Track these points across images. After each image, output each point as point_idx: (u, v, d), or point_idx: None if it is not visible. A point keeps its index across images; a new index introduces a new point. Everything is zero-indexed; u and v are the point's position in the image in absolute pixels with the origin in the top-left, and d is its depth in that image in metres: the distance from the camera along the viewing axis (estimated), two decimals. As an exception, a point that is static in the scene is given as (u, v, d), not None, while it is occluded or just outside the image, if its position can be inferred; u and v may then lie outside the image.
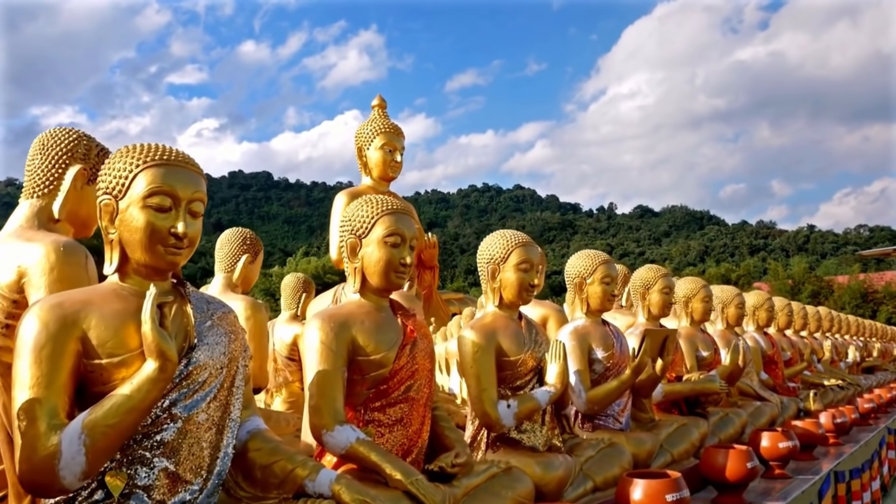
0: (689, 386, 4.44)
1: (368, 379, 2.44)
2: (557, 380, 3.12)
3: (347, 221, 2.61)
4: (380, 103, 5.82)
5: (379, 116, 5.61)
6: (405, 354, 2.49)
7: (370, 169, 5.35)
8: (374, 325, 2.48)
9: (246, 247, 4.23)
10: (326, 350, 2.36)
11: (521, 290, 3.20)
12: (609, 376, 3.78)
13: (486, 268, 3.28)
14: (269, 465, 2.02)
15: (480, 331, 3.09)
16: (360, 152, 5.41)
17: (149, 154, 1.91)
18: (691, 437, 3.99)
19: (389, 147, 5.35)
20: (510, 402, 3.01)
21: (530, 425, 3.12)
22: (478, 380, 3.02)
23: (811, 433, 4.89)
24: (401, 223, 2.55)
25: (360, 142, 5.43)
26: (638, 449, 3.51)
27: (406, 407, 2.48)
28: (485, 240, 3.36)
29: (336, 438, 2.27)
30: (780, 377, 6.62)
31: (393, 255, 2.52)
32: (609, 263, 3.94)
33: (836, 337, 10.11)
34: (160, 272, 1.93)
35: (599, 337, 3.82)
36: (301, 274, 6.13)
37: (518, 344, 3.14)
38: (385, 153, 5.31)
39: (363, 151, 5.36)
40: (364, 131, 5.49)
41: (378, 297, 2.60)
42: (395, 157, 5.37)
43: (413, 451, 2.49)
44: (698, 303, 5.25)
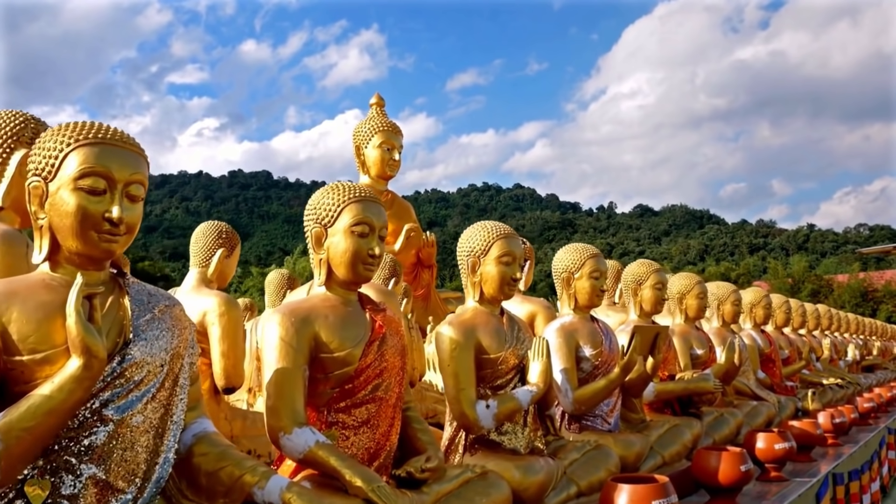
0: (682, 385, 4.28)
1: (332, 378, 2.28)
2: (540, 379, 2.96)
3: (312, 210, 2.45)
4: (378, 102, 5.71)
5: (377, 115, 5.51)
6: (372, 351, 2.33)
7: (368, 167, 5.27)
8: (338, 320, 2.32)
9: (222, 241, 4.07)
10: (286, 347, 2.20)
11: (502, 284, 3.04)
12: (597, 375, 3.62)
13: (466, 261, 3.12)
14: (215, 471, 1.86)
15: (459, 327, 2.93)
16: (358, 151, 5.34)
17: (81, 132, 1.75)
18: (683, 438, 3.83)
19: (387, 145, 5.26)
20: (489, 403, 2.85)
21: (511, 427, 2.96)
22: (456, 379, 2.86)
23: (809, 434, 4.73)
24: (369, 211, 2.39)
25: (358, 140, 5.35)
26: (626, 451, 3.35)
27: (373, 407, 2.32)
28: (465, 232, 3.20)
29: (293, 442, 2.11)
30: (777, 376, 6.46)
31: (360, 245, 2.36)
32: (597, 258, 3.78)
33: (835, 335, 9.95)
34: (95, 261, 1.77)
35: (587, 334, 3.66)
36: (285, 270, 5.98)
37: (499, 341, 2.98)
38: (383, 151, 5.23)
39: (361, 150, 5.29)
40: (362, 130, 5.40)
41: (345, 290, 2.44)
42: (394, 155, 5.28)
43: (381, 455, 2.33)
44: (693, 299, 5.10)
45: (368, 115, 5.60)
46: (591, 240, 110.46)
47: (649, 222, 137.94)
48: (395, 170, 5.44)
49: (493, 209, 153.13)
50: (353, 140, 5.46)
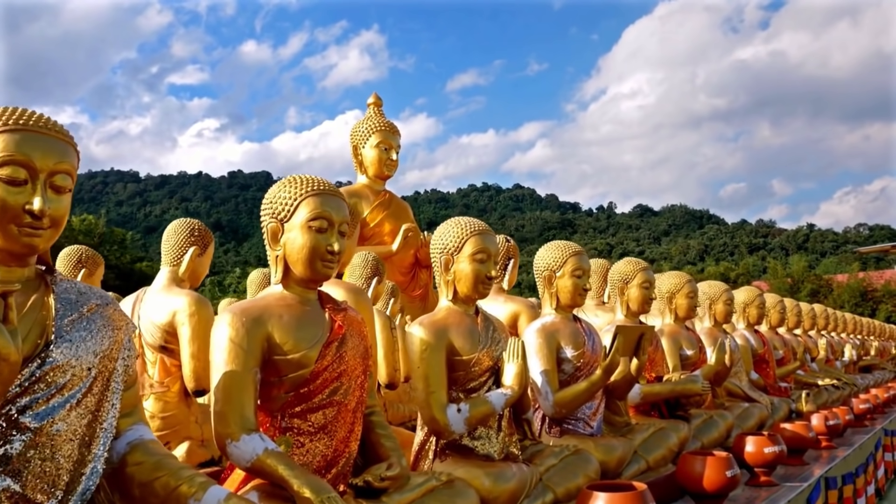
0: (669, 387, 4.15)
1: (287, 381, 2.15)
2: (515, 381, 2.83)
3: (268, 204, 2.32)
4: (375, 102, 5.63)
5: (374, 115, 5.44)
6: (330, 353, 2.21)
7: (366, 167, 5.21)
8: (293, 320, 2.19)
9: (194, 238, 3.94)
10: (236, 348, 2.08)
11: (476, 282, 2.92)
12: (580, 377, 3.50)
13: (439, 259, 2.99)
14: (149, 482, 1.73)
15: (430, 327, 2.81)
16: (355, 150, 5.28)
17: (0, 118, 1.62)
18: (669, 442, 3.70)
19: (385, 145, 5.20)
20: (461, 406, 2.73)
21: (485, 431, 2.84)
22: (426, 381, 2.74)
23: (801, 436, 4.60)
24: (327, 205, 2.27)
25: (356, 140, 5.29)
26: (607, 456, 3.22)
27: (331, 412, 2.19)
28: (438, 228, 3.08)
29: (241, 449, 1.98)
30: (771, 377, 6.33)
31: (318, 241, 2.24)
32: (580, 255, 3.65)
33: (831, 335, 9.82)
34: (17, 257, 1.65)
35: (569, 334, 3.53)
36: (267, 269, 5.86)
37: (472, 342, 2.86)
38: (381, 151, 5.17)
39: (359, 150, 5.23)
40: (359, 130, 5.33)
41: (303, 288, 2.31)
42: (391, 155, 5.22)
43: (339, 463, 2.21)
44: (682, 298, 4.97)
45: (366, 115, 5.53)
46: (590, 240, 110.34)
47: (649, 222, 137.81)
48: (393, 170, 5.37)
49: (492, 209, 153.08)
50: (350, 140, 5.39)
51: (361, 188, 5.25)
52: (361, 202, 5.18)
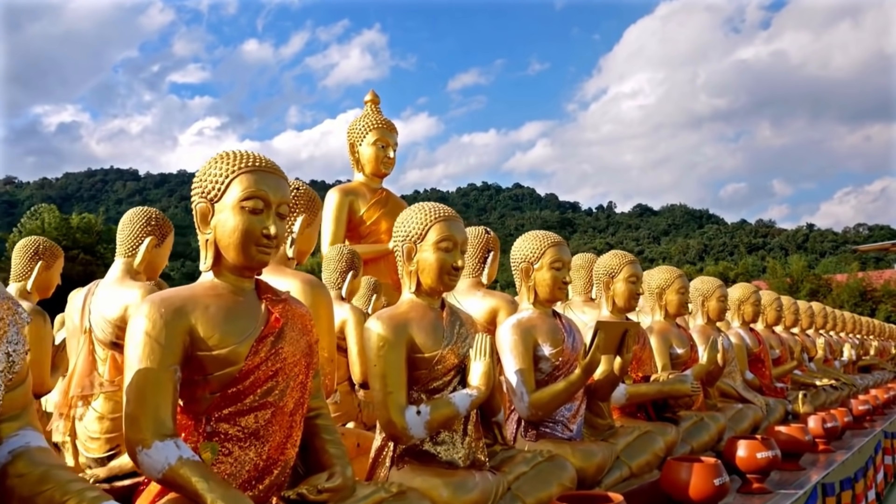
0: (657, 387, 3.90)
1: (213, 380, 1.91)
2: (482, 381, 2.59)
3: (198, 182, 2.08)
4: (373, 99, 5.52)
5: (371, 112, 5.35)
6: (264, 349, 1.96)
7: (363, 165, 5.14)
8: (221, 312, 1.95)
9: (150, 228, 3.70)
10: (151, 343, 1.83)
11: (441, 273, 2.67)
12: (558, 376, 3.25)
13: (402, 247, 2.75)
14: (32, 496, 1.49)
15: (389, 321, 2.56)
16: (352, 148, 5.20)
17: None
18: (655, 446, 3.45)
19: (382, 143, 5.10)
20: (421, 409, 2.48)
21: (449, 436, 2.59)
22: (383, 381, 2.49)
23: (797, 440, 4.36)
24: (263, 183, 2.02)
25: (353, 138, 5.22)
26: (585, 462, 2.97)
27: (264, 415, 1.95)
28: (400, 214, 2.83)
29: (152, 458, 1.74)
30: (767, 377, 6.09)
31: (252, 223, 1.99)
32: (559, 246, 3.41)
33: (830, 334, 9.57)
34: None
35: (547, 330, 3.29)
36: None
37: (435, 338, 2.61)
38: (378, 149, 5.08)
39: (356, 147, 5.16)
40: (356, 127, 5.25)
41: (236, 276, 2.07)
42: (388, 153, 5.14)
43: (272, 472, 1.96)
44: (673, 294, 4.73)
45: (363, 113, 5.40)
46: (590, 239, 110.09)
47: (649, 222, 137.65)
48: (390, 167, 5.27)
49: (492, 209, 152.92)
50: (347, 137, 5.30)
51: (358, 186, 5.14)
52: (358, 200, 5.07)
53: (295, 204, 3.06)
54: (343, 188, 5.41)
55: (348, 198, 5.46)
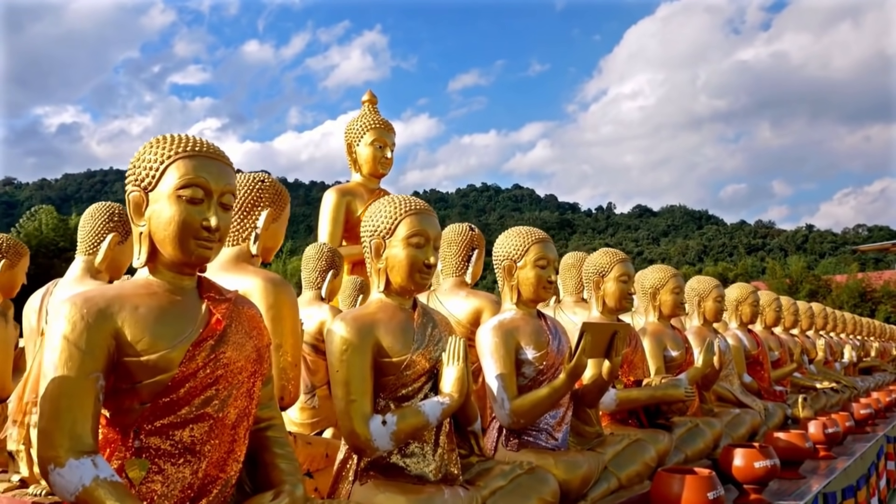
0: (649, 392, 3.70)
1: (142, 389, 1.70)
2: (454, 387, 2.38)
3: (131, 169, 1.87)
4: (370, 99, 5.43)
5: (369, 112, 5.28)
6: (202, 354, 1.76)
7: (360, 165, 5.09)
8: (153, 313, 1.74)
9: (113, 224, 3.49)
10: (70, 348, 1.63)
11: (412, 270, 2.47)
12: (542, 381, 3.05)
13: (370, 243, 2.55)
14: None
15: (353, 323, 2.36)
16: (349, 148, 5.15)
17: None
18: (645, 455, 3.24)
19: (380, 143, 5.03)
20: (387, 418, 2.28)
21: (419, 447, 2.39)
22: (345, 387, 2.29)
23: (796, 447, 4.15)
24: (204, 170, 1.82)
25: (350, 138, 5.17)
26: (569, 474, 2.76)
27: (201, 429, 1.75)
28: (369, 208, 2.63)
29: (65, 478, 1.53)
30: (765, 380, 5.88)
31: (190, 214, 1.79)
32: (544, 243, 3.20)
33: (830, 335, 9.37)
34: None
35: (530, 332, 3.08)
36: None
37: (404, 341, 2.41)
38: (375, 149, 5.02)
39: (353, 147, 5.12)
40: (354, 127, 5.18)
41: (174, 273, 1.86)
42: (386, 153, 5.08)
43: (211, 492, 1.76)
44: (667, 294, 4.53)
45: (360, 113, 5.31)
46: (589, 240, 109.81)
47: (648, 223, 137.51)
48: (388, 168, 5.20)
49: (491, 209, 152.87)
50: (344, 138, 5.23)
51: (356, 186, 5.08)
52: (356, 200, 4.99)
53: (259, 197, 2.86)
54: (340, 188, 5.33)
55: (345, 198, 5.32)
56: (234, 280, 2.69)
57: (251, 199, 2.85)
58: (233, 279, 2.70)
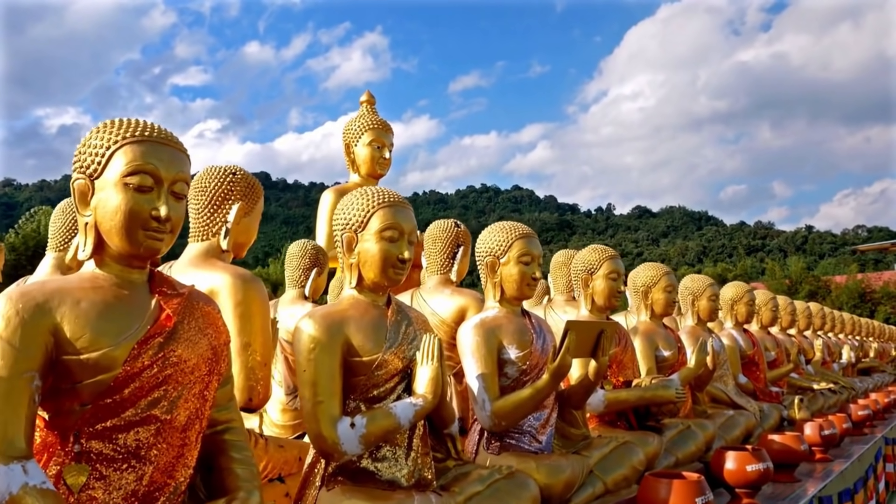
0: (638, 393, 3.59)
1: (83, 389, 1.59)
2: (428, 388, 2.27)
3: (77, 156, 1.76)
4: (368, 99, 5.39)
5: (367, 112, 5.26)
6: (148, 353, 1.65)
7: (358, 165, 5.09)
8: (96, 308, 1.63)
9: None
10: (4, 347, 1.51)
11: (385, 266, 2.36)
12: (526, 381, 2.94)
13: (341, 237, 2.44)
14: None
15: (322, 321, 2.25)
16: (347, 149, 5.15)
17: None
18: (633, 459, 3.13)
19: (378, 143, 5.02)
20: (356, 420, 2.17)
21: (391, 451, 2.28)
22: (313, 388, 2.18)
23: (791, 450, 4.04)
24: (154, 156, 1.70)
25: (348, 138, 5.16)
26: (552, 478, 2.65)
27: (148, 432, 1.63)
28: (341, 201, 2.52)
29: (-8, 486, 1.42)
30: (761, 380, 5.77)
31: (138, 203, 1.67)
32: (528, 238, 3.09)
33: (828, 336, 9.26)
34: None
35: (513, 331, 2.97)
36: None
37: (376, 339, 2.30)
38: (373, 149, 5.02)
39: (351, 148, 5.12)
40: (352, 128, 5.16)
41: (122, 266, 1.75)
42: (384, 153, 5.08)
43: (158, 499, 1.64)
44: (659, 293, 4.42)
45: (358, 113, 5.29)
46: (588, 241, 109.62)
47: (648, 224, 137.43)
48: (386, 168, 5.19)
49: (491, 210, 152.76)
50: (342, 138, 5.22)
51: (353, 187, 5.07)
52: None
53: (230, 191, 2.75)
54: (338, 189, 5.29)
55: None
56: (203, 276, 2.59)
57: (222, 192, 2.74)
58: (201, 275, 2.59)
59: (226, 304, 2.51)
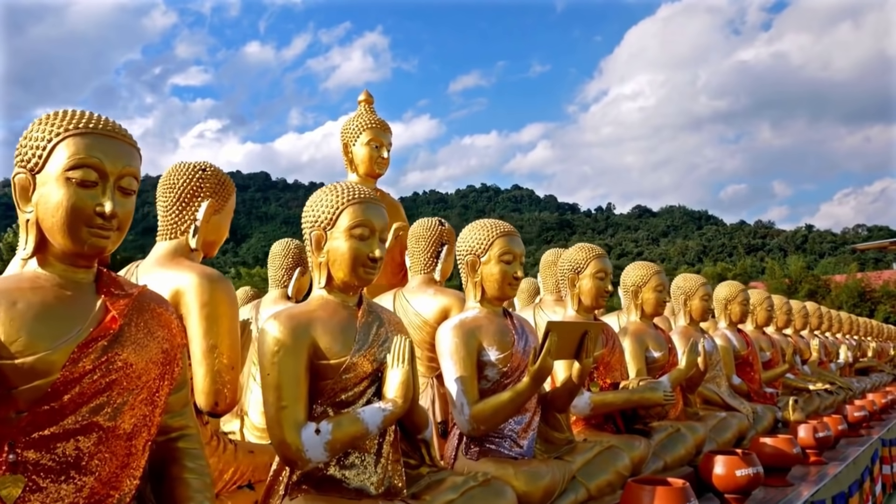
0: (625, 396, 3.49)
1: (19, 395, 1.50)
2: (398, 392, 2.18)
3: (18, 149, 1.67)
4: (366, 98, 5.34)
5: (365, 112, 5.21)
6: (90, 357, 1.55)
7: (356, 165, 5.05)
8: (33, 310, 1.54)
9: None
10: (-70, 349, 1.43)
11: (355, 265, 2.27)
12: (507, 384, 2.85)
13: (310, 235, 2.35)
14: None
15: (287, 321, 2.16)
16: (345, 148, 5.12)
17: None
18: (618, 464, 3.03)
19: (376, 143, 4.98)
20: (321, 426, 2.08)
21: (359, 458, 2.19)
22: (277, 392, 2.09)
23: (784, 453, 3.94)
24: (98, 149, 1.61)
25: (346, 138, 5.12)
26: (530, 485, 2.56)
27: (89, 441, 1.54)
28: (310, 198, 2.43)
29: (-89, 501, 1.33)
30: (756, 381, 5.68)
31: (81, 199, 1.58)
32: (510, 237, 3.00)
33: (825, 335, 9.16)
34: None
35: (494, 332, 2.88)
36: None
37: (344, 341, 2.21)
38: (371, 149, 4.98)
39: (349, 147, 5.09)
40: (350, 127, 5.11)
41: (66, 266, 1.66)
42: (382, 153, 5.04)
43: (100, 513, 1.56)
44: (650, 292, 4.32)
45: (356, 112, 5.25)
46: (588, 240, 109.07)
47: (648, 223, 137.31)
48: (384, 168, 5.14)
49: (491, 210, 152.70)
50: (340, 138, 5.19)
51: None
52: None
53: (199, 187, 2.66)
54: None
55: None
56: (168, 275, 2.50)
57: (190, 189, 2.65)
58: (167, 275, 2.51)
59: (192, 304, 2.42)
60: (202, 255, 2.74)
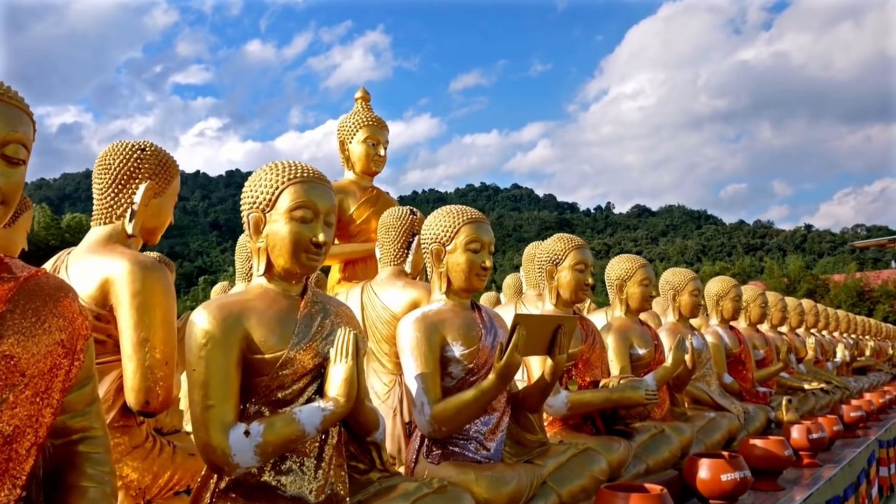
0: (604, 395, 3.29)
1: None
2: (341, 390, 1.97)
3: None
4: (363, 96, 5.21)
5: (362, 109, 5.11)
6: (-41, 348, 1.35)
7: (353, 163, 4.98)
8: None
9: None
10: None
11: (296, 250, 2.06)
12: (473, 382, 2.64)
13: (248, 217, 2.14)
14: None
15: (218, 312, 1.95)
16: (342, 146, 5.06)
17: None
18: (593, 468, 2.82)
19: (372, 140, 4.89)
20: (251, 428, 1.87)
21: (296, 462, 1.98)
22: (203, 390, 1.88)
23: (775, 455, 3.73)
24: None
25: (343, 135, 5.04)
26: (492, 492, 2.35)
27: (-43, 445, 1.34)
28: (249, 178, 2.22)
29: None
30: (748, 380, 5.47)
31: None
32: (477, 224, 2.79)
33: (822, 334, 8.95)
34: None
35: (459, 326, 2.67)
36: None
37: (281, 333, 2.00)
38: (368, 147, 4.90)
39: (346, 145, 5.05)
40: (347, 124, 5.02)
41: None
42: (378, 150, 4.96)
43: (-31, 528, 1.35)
44: (635, 286, 4.12)
45: (353, 110, 5.17)
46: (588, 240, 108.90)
47: (647, 222, 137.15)
48: (381, 165, 5.07)
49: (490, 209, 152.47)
50: (337, 135, 5.14)
51: (348, 184, 4.99)
52: (348, 198, 4.88)
53: (137, 168, 2.46)
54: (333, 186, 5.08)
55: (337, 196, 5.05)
56: (99, 262, 2.30)
57: (128, 169, 2.45)
58: (98, 261, 2.31)
59: (122, 294, 2.23)
60: (141, 242, 2.54)
